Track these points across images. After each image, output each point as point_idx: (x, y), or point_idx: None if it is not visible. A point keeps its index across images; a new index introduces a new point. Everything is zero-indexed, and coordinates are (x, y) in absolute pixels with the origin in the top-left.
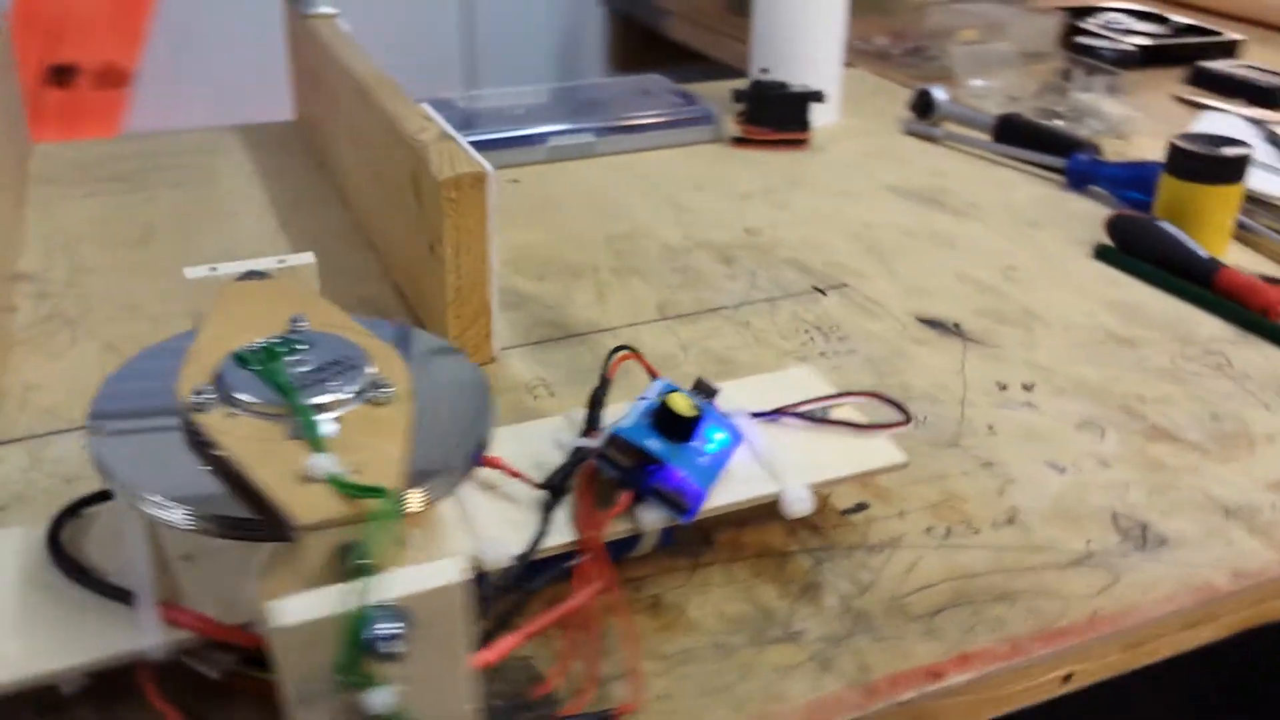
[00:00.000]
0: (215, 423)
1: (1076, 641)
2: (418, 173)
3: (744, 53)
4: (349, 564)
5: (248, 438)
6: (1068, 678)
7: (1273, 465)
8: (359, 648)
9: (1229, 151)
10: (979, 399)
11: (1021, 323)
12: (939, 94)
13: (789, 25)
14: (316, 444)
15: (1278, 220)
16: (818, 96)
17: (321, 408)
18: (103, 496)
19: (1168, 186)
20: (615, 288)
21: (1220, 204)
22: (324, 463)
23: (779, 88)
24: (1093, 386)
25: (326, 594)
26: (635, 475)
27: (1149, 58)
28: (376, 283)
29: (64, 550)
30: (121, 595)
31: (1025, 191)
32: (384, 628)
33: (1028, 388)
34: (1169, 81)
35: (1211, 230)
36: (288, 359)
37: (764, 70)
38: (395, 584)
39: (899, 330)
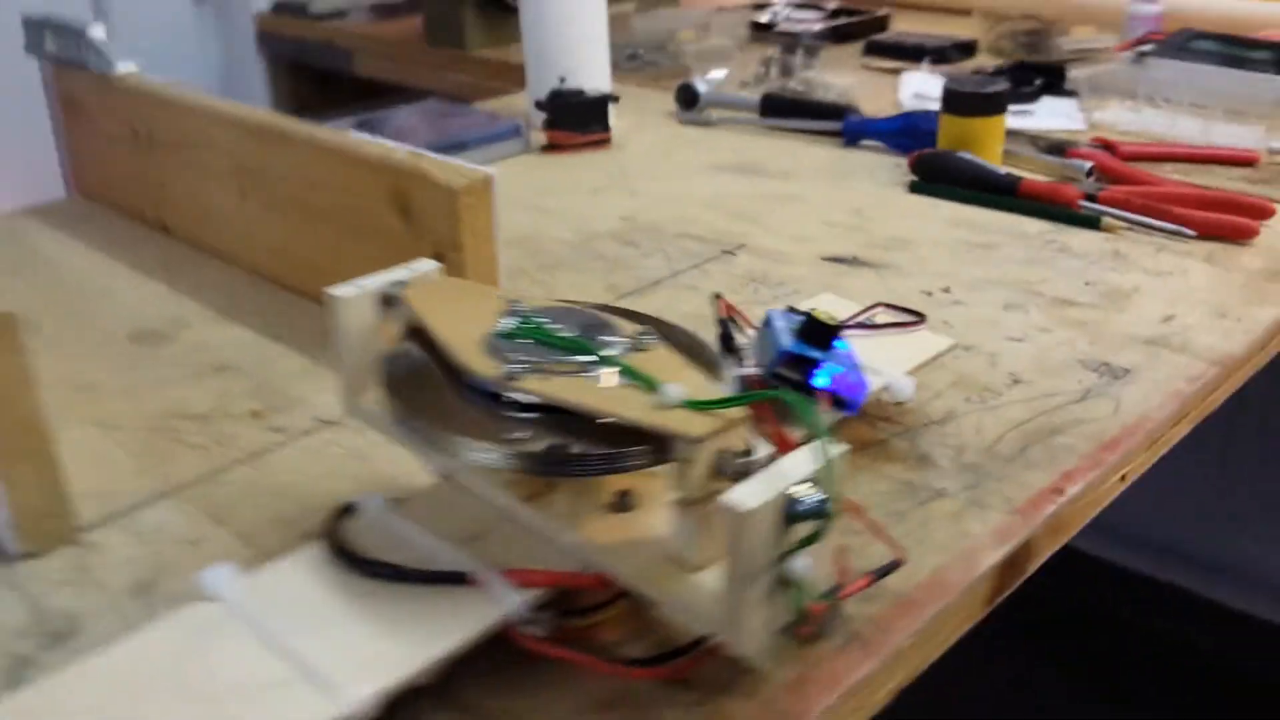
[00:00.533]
0: (539, 386)
1: (1125, 447)
2: (405, 189)
3: (444, 78)
4: (728, 467)
5: (583, 390)
6: (1123, 477)
7: (1152, 306)
8: (796, 520)
9: (992, 89)
10: (919, 305)
11: (898, 247)
12: (701, 86)
13: (558, 41)
14: (647, 381)
15: (1023, 144)
16: (613, 98)
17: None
18: (347, 510)
19: (948, 124)
20: (555, 282)
21: (992, 132)
22: (675, 391)
23: (577, 94)
24: (990, 280)
25: (770, 479)
26: (806, 385)
27: (835, 36)
28: None
29: (366, 558)
30: (453, 578)
31: (814, 153)
32: (813, 500)
33: (946, 290)
34: (850, 55)
35: (989, 155)
36: (550, 329)
37: (561, 79)
38: (810, 461)
39: (815, 269)
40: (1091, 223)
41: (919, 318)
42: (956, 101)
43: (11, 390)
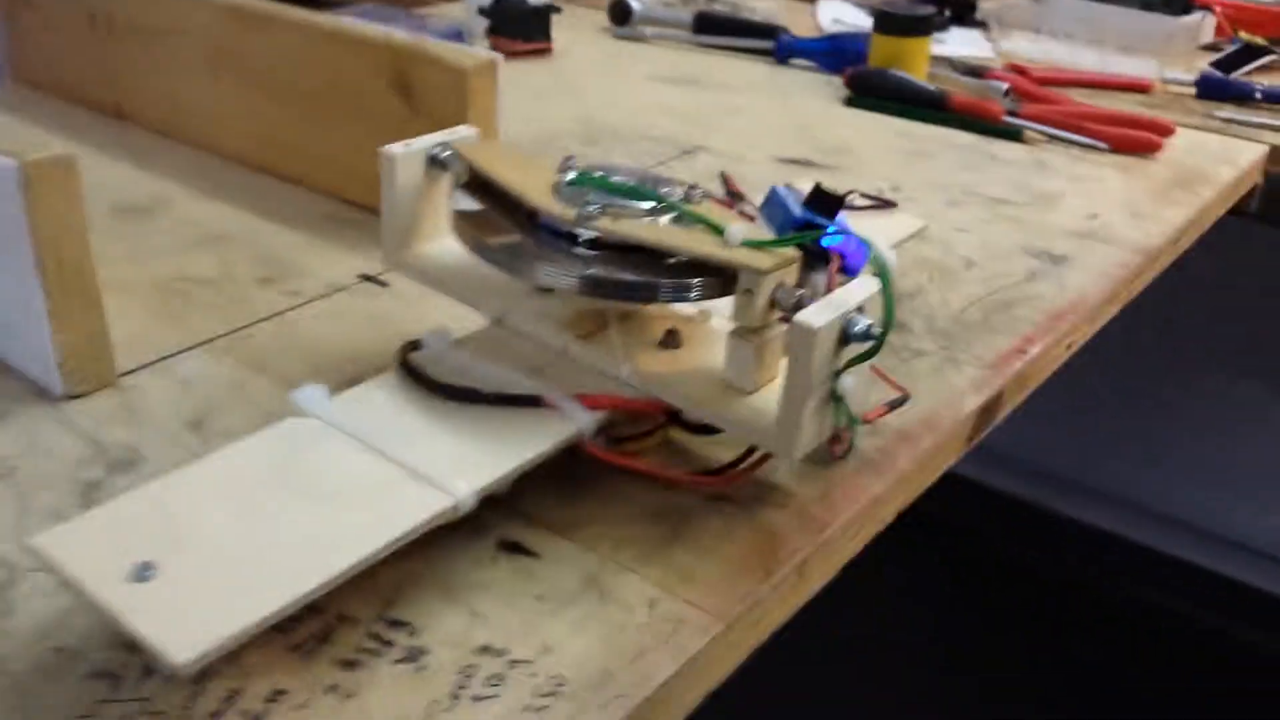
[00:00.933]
0: (613, 225)
1: (1071, 318)
2: (407, 70)
3: None
4: (785, 299)
5: (654, 230)
6: (1070, 345)
7: (1076, 206)
8: (850, 341)
9: (922, 11)
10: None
11: (844, 153)
12: (634, 3)
13: None
14: (712, 224)
15: (943, 67)
16: (555, 8)
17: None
18: (413, 346)
19: (879, 43)
20: None
21: (920, 52)
22: (738, 232)
23: (521, 3)
24: (931, 183)
25: (833, 303)
26: (817, 248)
27: None
28: (324, 202)
29: (444, 382)
30: (527, 400)
31: (749, 69)
32: (865, 324)
33: (895, 189)
34: None
35: (917, 73)
36: (612, 179)
37: None
38: (864, 290)
39: (773, 169)
40: (1014, 135)
41: (892, 204)
42: (889, 22)
43: (67, 231)
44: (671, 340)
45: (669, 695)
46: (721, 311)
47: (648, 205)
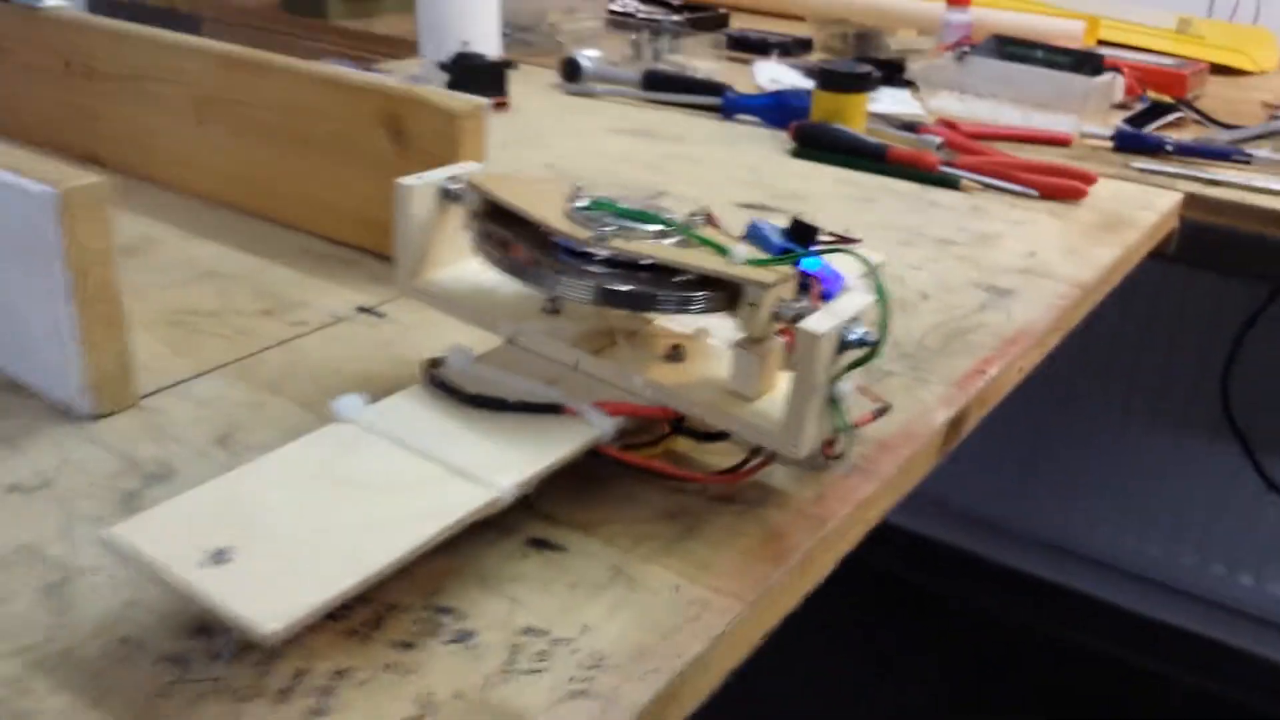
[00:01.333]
0: (626, 245)
1: (1022, 343)
2: (399, 113)
3: (302, 47)
4: (785, 311)
5: (664, 249)
6: (1021, 369)
7: (1017, 246)
8: (847, 348)
9: (861, 69)
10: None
11: (796, 199)
12: (584, 60)
13: (454, 9)
14: (715, 245)
15: (879, 122)
16: (512, 65)
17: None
18: (436, 363)
19: (821, 99)
20: None
21: (859, 107)
22: (742, 251)
23: (479, 59)
24: (880, 225)
25: (832, 312)
26: (800, 275)
27: (692, 27)
28: (313, 242)
29: (471, 392)
30: (550, 408)
31: (698, 123)
32: (860, 332)
33: (848, 231)
34: (702, 44)
35: (856, 127)
36: (621, 205)
37: (465, 43)
38: (857, 303)
39: (734, 213)
40: (952, 184)
41: (855, 240)
42: (831, 79)
43: (97, 255)
44: (676, 355)
45: (699, 669)
46: (718, 331)
47: (656, 228)
